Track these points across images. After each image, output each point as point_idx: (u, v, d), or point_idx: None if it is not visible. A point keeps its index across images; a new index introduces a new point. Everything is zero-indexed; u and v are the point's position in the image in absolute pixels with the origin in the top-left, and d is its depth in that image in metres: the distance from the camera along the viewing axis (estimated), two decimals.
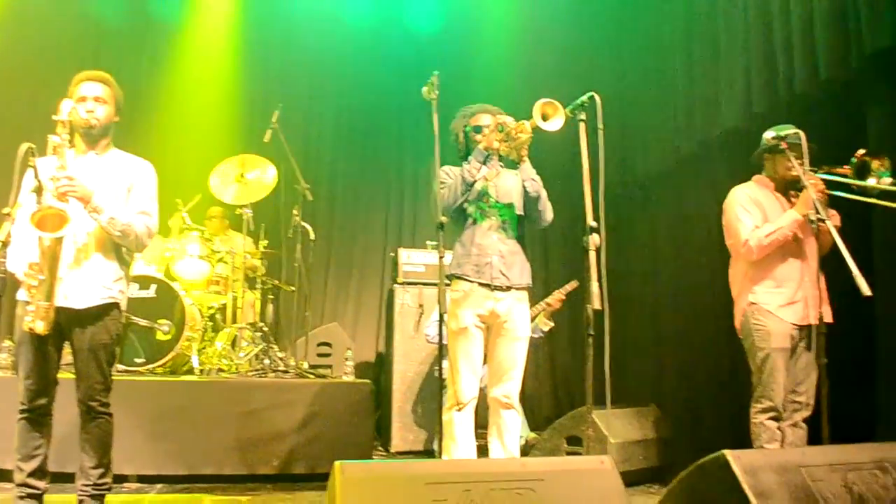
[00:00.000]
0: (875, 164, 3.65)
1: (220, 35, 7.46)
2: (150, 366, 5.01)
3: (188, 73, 7.26)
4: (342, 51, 7.68)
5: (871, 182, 3.63)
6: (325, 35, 7.63)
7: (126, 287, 3.41)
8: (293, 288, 6.17)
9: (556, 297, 5.50)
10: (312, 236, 6.08)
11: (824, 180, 3.74)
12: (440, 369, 3.32)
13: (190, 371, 5.21)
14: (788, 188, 3.96)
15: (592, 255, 3.05)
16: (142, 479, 4.35)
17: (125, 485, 4.27)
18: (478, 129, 3.82)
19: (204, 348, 5.58)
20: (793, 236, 3.80)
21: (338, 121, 7.81)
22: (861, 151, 3.68)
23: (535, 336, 5.08)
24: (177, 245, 5.74)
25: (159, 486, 4.33)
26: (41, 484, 3.18)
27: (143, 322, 5.01)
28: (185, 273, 5.68)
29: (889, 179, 3.59)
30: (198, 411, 4.52)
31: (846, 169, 3.72)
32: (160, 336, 5.08)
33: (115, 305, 3.30)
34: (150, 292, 5.13)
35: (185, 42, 7.38)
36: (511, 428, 3.65)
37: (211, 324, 5.84)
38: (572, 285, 5.53)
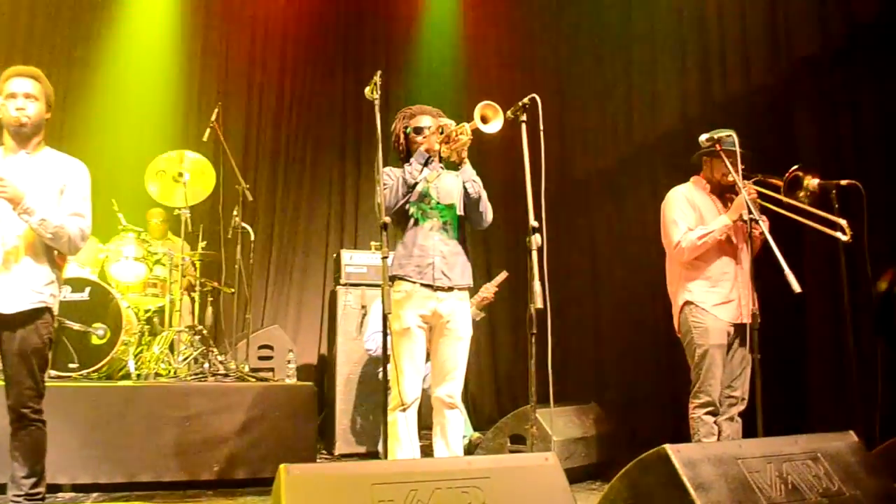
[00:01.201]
0: (807, 180, 3.79)
1: (157, 30, 7.27)
2: (85, 371, 4.86)
3: (123, 69, 7.06)
4: (284, 49, 7.60)
5: (800, 195, 3.77)
6: (266, 33, 7.54)
7: (58, 291, 3.31)
8: (233, 290, 6.07)
9: (490, 290, 5.52)
10: (253, 237, 6.00)
11: (758, 192, 3.86)
12: (384, 371, 3.31)
13: (126, 376, 5.08)
14: (724, 191, 4.08)
15: (535, 255, 3.09)
16: (77, 487, 4.20)
17: (59, 494, 4.13)
18: (418, 131, 3.82)
19: (141, 352, 5.44)
20: (726, 238, 3.91)
21: (279, 119, 7.71)
22: (795, 167, 3.81)
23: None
24: (112, 247, 5.59)
25: (95, 494, 4.19)
26: None
27: (76, 326, 4.87)
28: (121, 275, 5.53)
29: (816, 182, 3.74)
30: (135, 417, 4.40)
31: (778, 181, 3.85)
32: (95, 340, 4.93)
33: (47, 310, 3.19)
34: (84, 295, 4.98)
35: (120, 37, 7.16)
36: (455, 427, 3.67)
37: (148, 327, 5.70)
38: (503, 276, 5.57)
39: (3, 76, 3.23)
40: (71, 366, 4.84)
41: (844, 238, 3.50)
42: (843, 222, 3.52)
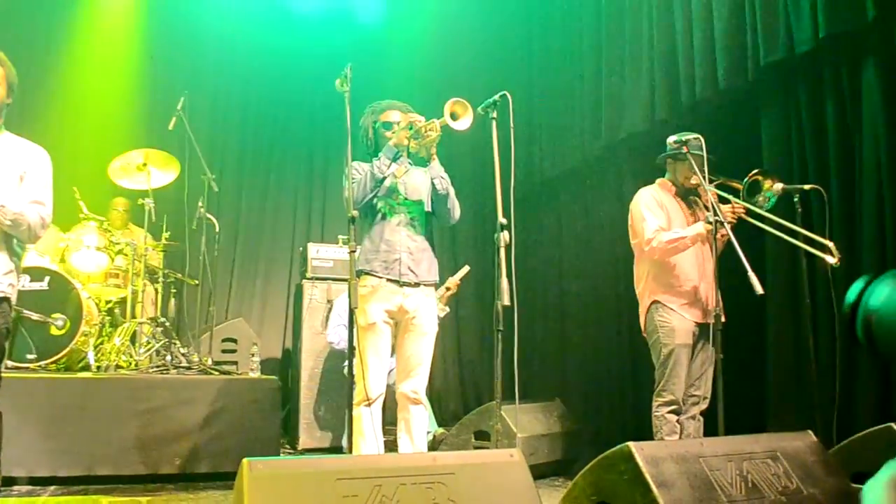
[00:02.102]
0: (766, 184, 3.85)
1: (123, 16, 7.16)
2: (43, 362, 4.76)
3: (89, 53, 6.94)
4: (252, 38, 7.52)
5: (759, 200, 3.83)
6: (234, 22, 7.46)
7: (17, 280, 3.24)
8: (197, 282, 5.99)
9: (453, 282, 5.52)
10: (218, 228, 5.93)
11: (721, 197, 3.91)
12: (349, 366, 3.30)
13: (86, 368, 4.98)
14: (688, 194, 4.15)
15: (503, 251, 3.10)
16: (34, 480, 4.12)
17: (15, 488, 4.04)
18: (387, 126, 3.83)
19: (101, 344, 5.35)
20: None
21: (246, 110, 7.64)
22: (755, 171, 3.87)
23: None
24: (73, 236, 5.48)
25: (52, 487, 4.12)
26: None
27: (35, 316, 4.76)
28: (82, 265, 5.42)
29: (779, 186, 3.81)
30: (95, 409, 4.32)
31: (738, 185, 3.91)
32: (54, 331, 4.83)
33: (5, 300, 3.13)
34: (44, 284, 4.87)
35: (85, 20, 7.04)
36: (419, 423, 3.68)
37: (109, 318, 5.61)
38: (465, 271, 5.59)
39: None
40: (29, 357, 4.73)
41: (832, 260, 3.53)
42: (831, 244, 3.56)
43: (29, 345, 4.73)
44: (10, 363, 4.53)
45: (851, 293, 1.66)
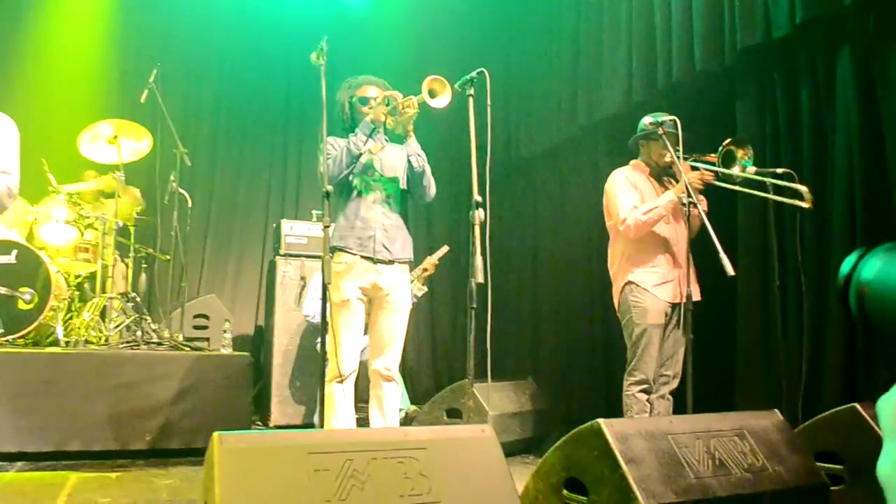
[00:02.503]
0: (740, 153, 3.88)
1: None
2: (10, 337, 4.69)
3: (58, 20, 6.77)
4: (227, 11, 7.40)
5: (735, 170, 3.86)
6: None
7: None
8: (168, 257, 5.94)
9: (430, 262, 5.52)
10: (190, 203, 5.86)
11: (693, 167, 3.96)
12: (322, 342, 3.29)
13: (55, 343, 4.93)
14: (662, 174, 4.18)
15: (477, 229, 3.10)
16: (1, 456, 4.08)
17: None
18: (364, 101, 3.79)
19: (70, 318, 5.29)
20: (665, 220, 4.00)
21: (220, 83, 7.52)
22: (727, 140, 3.90)
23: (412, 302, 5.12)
24: (42, 209, 5.39)
25: (20, 463, 4.08)
26: None
27: (2, 290, 4.69)
28: (51, 238, 5.34)
29: (752, 168, 3.84)
30: (64, 385, 4.28)
31: (713, 157, 3.94)
32: (22, 305, 4.76)
33: None
34: (11, 258, 4.79)
35: None
36: (391, 400, 3.69)
37: (78, 293, 5.54)
38: (444, 251, 5.59)
39: None
40: None
41: (805, 205, 3.57)
42: (804, 188, 3.59)
43: None
44: None
45: (845, 266, 1.69)
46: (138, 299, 5.58)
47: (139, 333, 5.10)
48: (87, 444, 4.25)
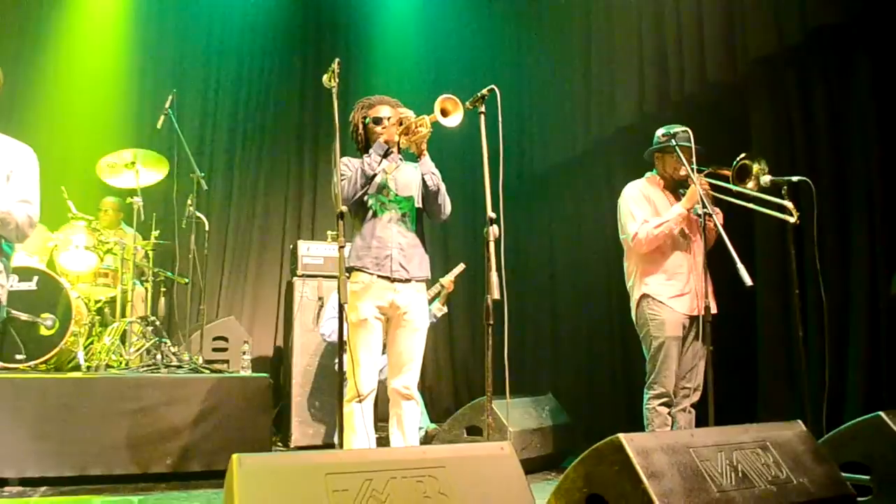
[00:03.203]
0: (755, 168, 3.86)
1: (112, 14, 7.10)
2: (33, 362, 4.74)
3: (76, 52, 6.87)
4: (241, 35, 7.51)
5: (749, 185, 3.84)
6: (223, 19, 7.44)
7: (6, 280, 3.21)
8: (187, 280, 5.97)
9: (448, 281, 5.51)
10: (207, 227, 5.91)
11: (710, 183, 3.93)
12: (340, 362, 3.29)
13: (76, 367, 4.97)
14: (677, 186, 4.15)
15: (492, 246, 3.09)
16: (24, 482, 4.10)
17: (6, 488, 4.03)
18: (377, 121, 3.80)
19: (91, 343, 5.33)
20: (680, 231, 3.98)
21: (235, 107, 7.59)
22: (742, 155, 3.88)
23: (430, 321, 5.11)
24: (61, 235, 5.45)
25: (43, 488, 4.10)
26: None
27: (24, 316, 4.74)
28: (71, 265, 5.39)
29: (768, 177, 3.81)
30: (85, 409, 4.30)
31: (728, 171, 3.92)
32: (43, 331, 4.81)
33: None
34: (32, 284, 4.85)
35: (73, 18, 6.97)
36: (411, 418, 3.67)
37: (99, 318, 5.59)
38: (461, 268, 5.58)
39: None
40: (18, 357, 4.71)
41: (792, 220, 3.59)
42: (790, 204, 3.61)
43: (18, 345, 4.72)
44: None
45: None
46: (158, 323, 5.61)
47: (159, 357, 5.13)
48: (108, 468, 4.26)
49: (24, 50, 6.59)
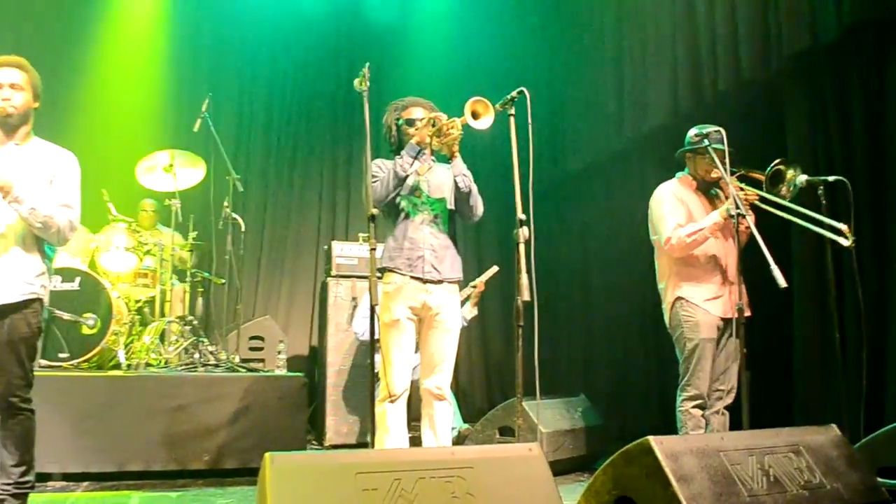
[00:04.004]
0: (789, 173, 3.80)
1: (148, 20, 7.25)
2: (75, 361, 4.87)
3: (114, 57, 7.04)
4: (275, 39, 7.61)
5: (782, 190, 3.78)
6: (257, 23, 7.54)
7: (49, 281, 3.30)
8: (223, 280, 6.08)
9: (480, 282, 5.52)
10: (243, 228, 6.00)
11: (739, 187, 3.88)
12: (371, 362, 3.32)
13: (117, 366, 5.09)
14: (709, 187, 4.10)
15: (522, 247, 3.10)
16: (67, 476, 4.23)
17: (49, 483, 4.15)
18: (410, 123, 3.81)
19: (131, 342, 5.45)
20: (715, 234, 3.93)
21: (270, 111, 7.69)
22: (777, 161, 3.83)
23: (462, 325, 5.13)
24: (102, 237, 5.58)
25: (86, 483, 4.22)
26: None
27: (67, 316, 4.87)
28: (112, 265, 5.52)
29: (803, 177, 3.75)
30: (125, 407, 4.42)
31: (761, 175, 3.86)
32: (85, 330, 4.93)
33: (38, 300, 3.19)
34: (75, 285, 4.98)
35: (111, 24, 7.14)
36: (443, 419, 3.69)
37: (139, 317, 5.71)
38: (493, 271, 5.58)
39: None
40: (61, 355, 4.84)
41: (847, 243, 3.51)
42: (844, 227, 3.54)
43: (61, 344, 4.85)
44: (43, 362, 4.65)
45: None
46: (196, 322, 5.72)
47: (197, 356, 5.24)
48: (148, 464, 4.37)
49: (64, 59, 6.74)
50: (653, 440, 2.27)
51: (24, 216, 3.08)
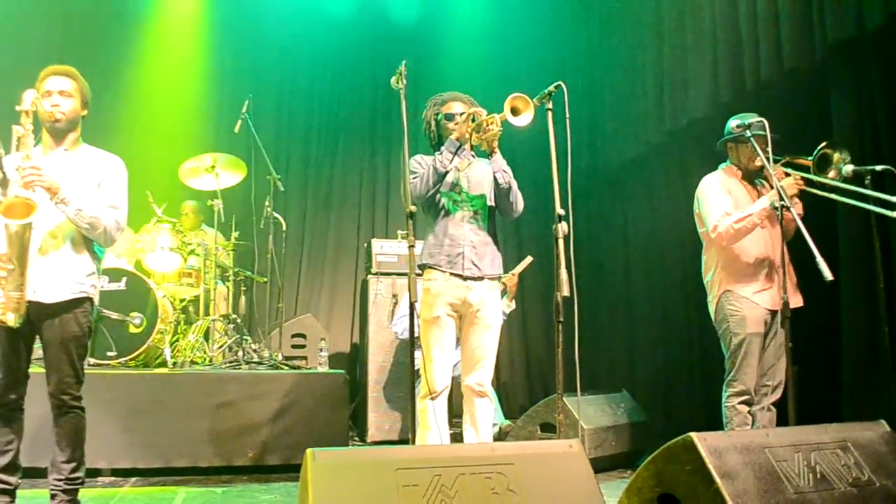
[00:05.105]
0: (836, 156, 3.70)
1: (189, 25, 7.38)
2: (123, 359, 4.98)
3: (157, 64, 7.17)
4: (314, 40, 7.66)
5: (830, 174, 3.69)
6: (296, 24, 7.60)
7: (98, 281, 3.38)
8: (266, 279, 6.16)
9: (514, 274, 5.50)
10: (284, 227, 6.08)
11: (786, 173, 3.79)
12: (411, 359, 3.33)
13: (163, 364, 5.19)
14: (754, 177, 4.03)
15: (561, 242, 3.09)
16: (116, 472, 4.35)
17: (99, 479, 4.27)
18: (450, 117, 3.80)
19: (177, 341, 5.55)
20: (762, 224, 3.85)
21: (309, 110, 7.76)
22: (823, 144, 3.74)
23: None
24: (147, 237, 5.70)
25: (134, 479, 4.32)
26: (13, 479, 3.17)
27: (114, 315, 4.98)
28: (157, 265, 5.63)
29: (850, 167, 3.65)
30: (172, 404, 4.51)
31: (807, 161, 3.77)
32: (132, 329, 5.04)
33: (88, 299, 3.27)
34: (121, 285, 5.09)
35: (153, 32, 7.28)
36: (484, 415, 3.68)
37: (183, 316, 5.81)
38: (527, 261, 5.55)
39: (41, 76, 3.30)
40: (109, 354, 4.96)
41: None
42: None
43: (109, 342, 4.96)
44: (92, 360, 4.77)
45: None
46: (239, 321, 5.81)
47: (240, 354, 5.31)
48: (193, 460, 4.46)
49: (108, 66, 6.87)
50: (696, 436, 2.24)
51: (71, 217, 3.16)
